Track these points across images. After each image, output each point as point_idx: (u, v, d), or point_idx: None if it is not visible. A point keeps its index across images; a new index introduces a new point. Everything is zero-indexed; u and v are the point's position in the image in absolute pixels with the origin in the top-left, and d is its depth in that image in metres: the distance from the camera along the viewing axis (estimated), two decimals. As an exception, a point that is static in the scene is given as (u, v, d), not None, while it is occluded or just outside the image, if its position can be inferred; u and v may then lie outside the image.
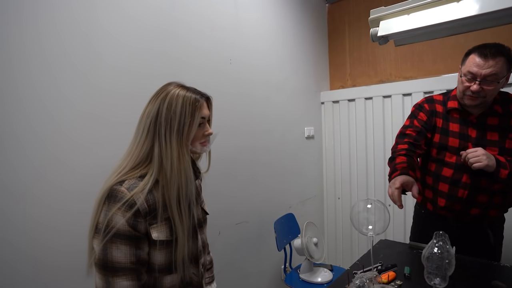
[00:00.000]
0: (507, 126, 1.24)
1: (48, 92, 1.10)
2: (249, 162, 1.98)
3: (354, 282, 1.11)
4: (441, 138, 1.33)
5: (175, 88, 0.87)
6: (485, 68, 1.13)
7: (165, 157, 0.82)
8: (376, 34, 1.13)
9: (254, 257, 2.03)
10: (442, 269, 0.85)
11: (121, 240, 0.77)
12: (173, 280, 0.87)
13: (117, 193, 0.79)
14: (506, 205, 1.35)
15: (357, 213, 1.02)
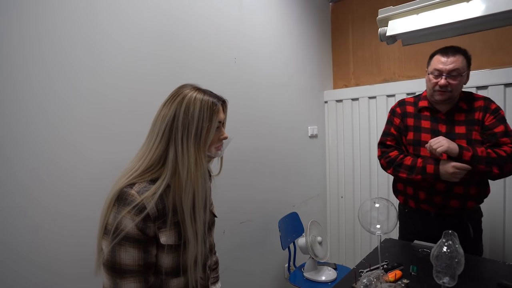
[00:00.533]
0: (472, 120, 1.38)
1: (47, 94, 1.08)
2: (253, 162, 1.98)
3: (362, 281, 1.11)
4: (415, 135, 1.47)
5: (191, 91, 0.85)
6: (448, 64, 1.31)
7: (181, 162, 0.81)
8: (384, 33, 1.13)
9: (258, 256, 2.03)
10: (451, 268, 0.85)
11: (130, 243, 0.77)
12: (179, 283, 0.86)
13: (127, 196, 0.78)
14: (481, 196, 1.44)
15: (365, 212, 1.02)
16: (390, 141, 1.54)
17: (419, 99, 1.52)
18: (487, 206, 1.98)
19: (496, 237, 1.98)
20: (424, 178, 1.37)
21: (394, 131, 1.54)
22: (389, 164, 1.49)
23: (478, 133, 1.37)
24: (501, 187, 1.95)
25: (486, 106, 1.38)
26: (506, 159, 1.27)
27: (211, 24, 1.70)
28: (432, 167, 1.33)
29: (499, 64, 2.00)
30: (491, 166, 1.27)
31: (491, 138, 1.33)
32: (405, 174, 1.43)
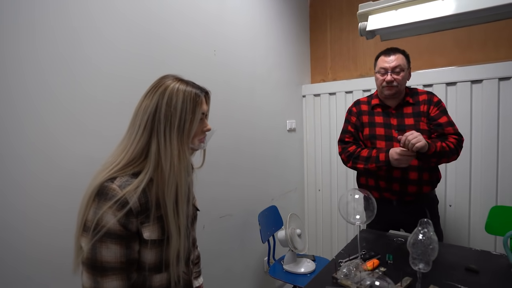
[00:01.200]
0: (418, 112, 1.55)
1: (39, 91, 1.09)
2: (232, 155, 1.97)
3: (342, 270, 1.14)
4: (370, 130, 1.62)
5: (173, 81, 0.82)
6: (391, 62, 1.50)
7: (164, 155, 0.78)
8: (364, 28, 1.15)
9: (238, 250, 2.03)
10: (426, 254, 0.89)
11: (112, 239, 0.74)
12: (162, 279, 0.84)
13: (108, 191, 0.75)
14: (434, 180, 1.58)
15: (346, 204, 1.04)
16: (348, 138, 1.68)
17: (372, 98, 1.69)
18: (454, 196, 2.11)
19: (462, 225, 2.10)
20: (377, 166, 1.49)
21: (351, 128, 1.68)
22: (348, 157, 1.63)
23: (425, 123, 1.53)
24: (467, 178, 2.06)
25: (430, 99, 1.55)
26: (453, 150, 1.44)
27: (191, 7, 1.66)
28: (384, 155, 1.47)
29: (467, 62, 2.11)
30: (442, 159, 1.44)
31: (438, 128, 1.50)
32: (362, 165, 1.56)
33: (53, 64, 1.12)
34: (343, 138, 1.70)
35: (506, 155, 1.93)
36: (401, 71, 1.50)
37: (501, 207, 1.84)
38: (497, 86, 1.95)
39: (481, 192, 2.02)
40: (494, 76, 1.95)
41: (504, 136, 1.94)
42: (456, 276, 1.14)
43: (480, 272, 1.17)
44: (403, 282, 1.08)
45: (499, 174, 1.96)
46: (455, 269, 1.20)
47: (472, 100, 2.04)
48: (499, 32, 1.99)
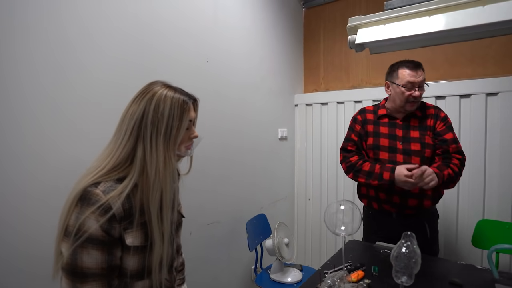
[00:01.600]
0: (425, 126, 1.52)
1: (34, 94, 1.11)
2: (222, 165, 1.97)
3: (326, 282, 1.14)
4: (374, 140, 1.59)
5: (161, 88, 0.82)
6: (418, 77, 1.44)
7: (149, 161, 0.78)
8: (353, 41, 1.17)
9: (225, 258, 2.01)
10: (409, 267, 0.89)
11: (93, 245, 0.73)
12: (144, 286, 0.83)
13: (91, 196, 0.74)
14: (436, 196, 1.54)
15: (331, 214, 1.05)
16: (351, 147, 1.64)
17: (378, 107, 1.65)
18: (442, 209, 2.12)
19: (449, 238, 2.11)
20: (380, 183, 1.46)
21: (355, 137, 1.64)
22: (349, 168, 1.59)
23: (430, 137, 1.51)
24: (455, 192, 2.08)
25: (437, 114, 1.53)
26: (458, 174, 1.44)
27: (184, 22, 1.67)
28: (388, 174, 1.43)
29: (456, 77, 2.15)
30: (449, 184, 1.44)
31: (443, 144, 1.48)
32: (363, 179, 1.53)
33: (48, 68, 1.14)
34: (345, 146, 1.66)
35: (493, 169, 1.96)
36: (423, 85, 1.47)
37: (487, 220, 1.86)
38: (484, 101, 1.99)
39: (469, 206, 2.04)
40: (481, 92, 1.99)
41: (491, 150, 1.97)
42: (441, 289, 1.14)
43: (463, 286, 1.17)
44: (386, 294, 1.08)
45: (486, 187, 1.99)
46: (439, 282, 1.21)
47: (460, 114, 2.07)
48: (485, 49, 2.05)
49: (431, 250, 1.54)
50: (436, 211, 1.62)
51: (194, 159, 1.87)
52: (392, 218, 1.56)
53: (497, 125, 1.95)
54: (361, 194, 1.69)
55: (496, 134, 1.95)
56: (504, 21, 0.92)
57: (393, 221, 1.56)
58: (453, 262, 1.40)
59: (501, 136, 1.94)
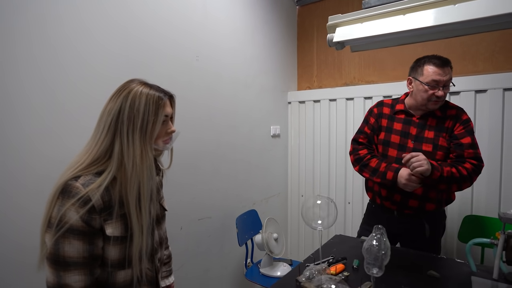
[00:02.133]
0: (442, 127, 1.45)
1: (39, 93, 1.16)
2: (214, 160, 2.00)
3: (304, 274, 1.17)
4: (386, 135, 1.54)
5: (137, 85, 0.87)
6: (444, 76, 1.36)
7: (126, 154, 0.83)
8: (332, 39, 1.20)
9: (217, 252, 2.05)
10: (378, 259, 0.92)
11: (74, 235, 0.78)
12: (126, 275, 0.88)
13: (71, 189, 0.78)
14: (442, 201, 1.50)
15: (308, 209, 1.08)
16: (363, 139, 1.59)
17: (397, 102, 1.58)
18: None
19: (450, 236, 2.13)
20: (383, 182, 1.45)
21: (367, 129, 1.59)
22: (357, 161, 1.56)
23: (445, 140, 1.42)
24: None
25: (457, 116, 1.44)
26: (466, 178, 1.34)
27: (175, 19, 1.70)
28: (391, 174, 1.40)
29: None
30: (452, 185, 1.35)
31: (458, 148, 1.39)
32: (368, 175, 1.51)
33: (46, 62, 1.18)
34: (357, 138, 1.62)
35: (481, 166, 1.98)
36: (449, 85, 1.39)
37: (473, 216, 1.88)
38: (473, 98, 2.00)
39: (458, 202, 2.06)
40: (471, 89, 2.00)
41: (481, 147, 1.95)
42: (417, 282, 1.17)
43: (441, 278, 1.20)
44: (362, 286, 1.11)
45: (474, 184, 2.00)
46: (417, 274, 1.24)
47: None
48: (476, 46, 2.05)
49: (432, 249, 1.50)
50: (443, 212, 1.58)
51: (186, 157, 1.92)
52: (393, 216, 1.55)
53: (486, 122, 1.96)
54: (368, 187, 1.67)
55: (486, 131, 1.96)
56: (474, 20, 0.94)
57: (394, 218, 1.54)
58: (434, 256, 1.42)
59: (489, 134, 1.95)
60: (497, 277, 1.20)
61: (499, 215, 1.19)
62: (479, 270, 1.27)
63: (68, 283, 0.77)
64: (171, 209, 1.67)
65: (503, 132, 1.92)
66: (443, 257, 1.41)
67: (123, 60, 1.45)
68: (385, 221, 1.54)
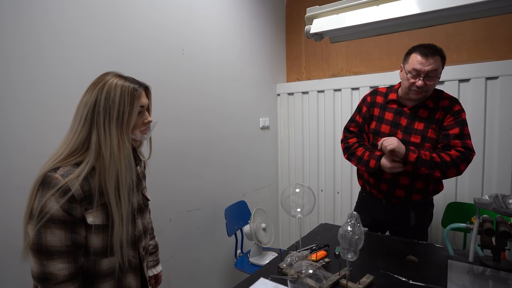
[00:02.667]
0: (433, 118, 1.43)
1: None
2: (202, 152, 2.02)
3: (285, 260, 1.21)
4: (376, 125, 1.54)
5: (112, 78, 0.89)
6: (427, 65, 1.32)
7: (104, 145, 0.85)
8: (309, 31, 1.21)
9: (207, 243, 2.09)
10: (353, 244, 0.95)
11: (56, 225, 0.80)
12: (110, 263, 0.91)
13: (51, 180, 0.81)
14: (429, 192, 1.51)
15: (287, 197, 1.10)
16: (354, 128, 1.60)
17: (391, 91, 1.56)
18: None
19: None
20: (367, 170, 1.49)
21: (359, 118, 1.60)
22: (346, 150, 1.59)
23: (434, 131, 1.41)
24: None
25: (450, 107, 1.41)
26: (449, 164, 1.32)
27: (159, 12, 1.70)
28: (374, 163, 1.42)
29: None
30: (433, 170, 1.33)
31: (444, 139, 1.38)
32: (355, 163, 1.55)
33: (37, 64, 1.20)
34: (348, 126, 1.63)
35: (464, 154, 2.01)
36: (435, 76, 1.34)
37: (456, 203, 1.92)
38: (457, 87, 2.03)
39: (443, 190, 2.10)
40: (454, 78, 2.02)
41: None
42: (395, 266, 1.21)
43: (419, 263, 1.24)
44: (341, 271, 1.14)
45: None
46: (396, 259, 1.28)
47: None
48: (460, 35, 2.07)
49: (417, 237, 1.52)
50: (431, 201, 1.59)
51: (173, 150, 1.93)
52: (382, 204, 1.57)
53: (470, 111, 1.98)
54: (359, 174, 1.70)
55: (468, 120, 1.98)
56: (448, 9, 0.96)
57: (382, 207, 1.57)
58: (415, 242, 1.46)
59: (472, 122, 1.97)
60: (473, 260, 1.25)
61: (474, 200, 1.23)
62: (456, 254, 1.31)
63: (52, 271, 0.80)
64: (160, 201, 1.71)
65: (485, 121, 1.95)
66: (423, 242, 1.45)
67: (107, 57, 1.45)
68: (374, 209, 1.60)
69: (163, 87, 1.73)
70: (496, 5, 0.96)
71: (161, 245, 1.32)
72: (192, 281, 1.98)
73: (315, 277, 1.03)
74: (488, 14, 1.06)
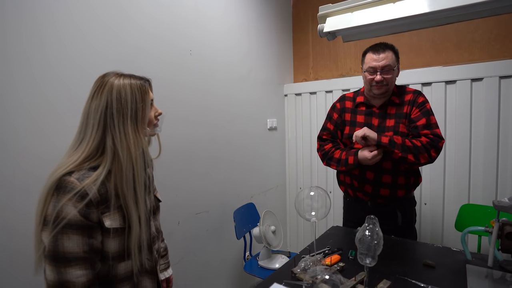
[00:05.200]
0: (402, 113, 1.48)
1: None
2: (209, 153, 2.00)
3: (299, 265, 1.18)
4: (350, 129, 1.58)
5: (116, 77, 0.87)
6: (380, 61, 1.41)
7: (120, 146, 0.83)
8: (322, 30, 1.19)
9: (216, 246, 2.07)
10: (371, 249, 0.92)
11: (73, 230, 0.77)
12: (127, 267, 0.88)
13: (67, 184, 0.78)
14: (410, 185, 1.54)
15: (301, 200, 1.08)
16: (326, 136, 1.66)
17: (358, 94, 1.62)
18: (428, 195, 2.15)
19: (436, 224, 2.14)
20: (348, 168, 1.49)
21: (330, 125, 1.65)
22: (324, 156, 1.62)
23: (405, 125, 1.46)
24: (441, 178, 2.10)
25: (414, 100, 1.47)
26: (420, 148, 1.37)
27: (167, 12, 1.68)
28: (352, 158, 1.46)
29: (443, 63, 2.14)
30: (406, 153, 1.37)
31: (414, 130, 1.44)
32: (334, 166, 1.57)
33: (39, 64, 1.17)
34: (321, 135, 1.68)
35: (478, 155, 1.97)
36: (390, 70, 1.43)
37: (470, 205, 1.88)
38: (469, 86, 1.99)
39: (455, 191, 2.06)
40: (467, 77, 1.99)
41: (477, 136, 1.98)
42: (412, 271, 1.18)
43: (436, 267, 1.21)
44: (357, 276, 1.11)
45: (472, 173, 2.00)
46: (414, 264, 1.24)
47: (446, 100, 2.08)
48: (472, 34, 2.03)
49: (409, 235, 1.55)
50: (413, 198, 1.63)
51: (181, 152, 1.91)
52: (367, 207, 1.58)
53: (482, 111, 1.95)
54: (340, 181, 1.71)
55: (482, 120, 1.96)
56: (465, 6, 0.93)
57: (369, 208, 1.58)
58: (430, 245, 1.43)
59: (486, 122, 1.94)
60: (492, 264, 1.21)
61: (493, 203, 1.19)
62: (474, 258, 1.28)
63: (70, 279, 0.76)
64: (168, 204, 1.69)
65: (499, 120, 1.91)
66: (439, 246, 1.42)
67: (112, 58, 1.43)
68: (359, 212, 1.60)
69: (170, 87, 1.71)
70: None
71: (170, 248, 1.29)
72: (201, 284, 1.96)
73: (331, 282, 1.00)
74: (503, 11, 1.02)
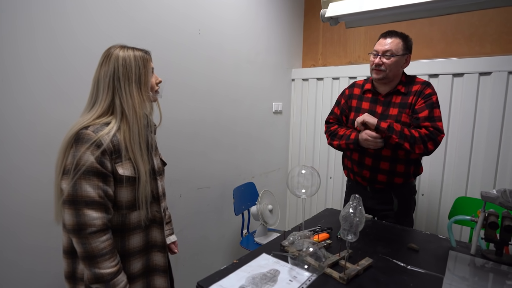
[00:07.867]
0: (406, 103, 1.50)
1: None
2: (214, 132, 2.06)
3: (288, 239, 1.25)
4: (355, 115, 1.61)
5: (121, 49, 0.98)
6: (383, 45, 1.45)
7: (126, 106, 0.95)
8: (324, 15, 1.21)
9: (215, 221, 2.16)
10: (353, 226, 0.98)
11: (90, 176, 0.88)
12: (139, 216, 1.00)
13: (84, 135, 0.90)
14: (409, 173, 1.56)
15: (292, 177, 1.13)
16: (332, 119, 1.72)
17: (367, 81, 1.65)
18: (427, 186, 2.18)
19: (431, 213, 2.18)
20: (347, 143, 1.54)
21: (337, 110, 1.71)
22: (329, 135, 1.68)
23: (407, 116, 1.47)
24: (440, 170, 2.12)
25: (421, 91, 1.47)
26: (417, 139, 1.39)
27: None
28: (354, 134, 1.52)
29: (453, 55, 2.12)
30: (403, 141, 1.39)
31: (415, 121, 1.45)
32: (337, 141, 1.61)
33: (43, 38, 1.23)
34: (328, 119, 1.74)
35: (479, 149, 1.98)
36: (391, 56, 1.44)
37: (465, 198, 1.91)
38: (477, 80, 1.97)
39: (453, 184, 2.09)
40: (475, 71, 1.97)
41: (479, 130, 1.98)
42: (395, 253, 1.24)
43: (420, 251, 1.26)
44: (341, 253, 1.18)
45: (471, 167, 2.01)
46: (398, 247, 1.30)
47: (452, 93, 2.07)
48: (484, 27, 2.00)
49: (404, 222, 1.59)
50: (414, 187, 1.65)
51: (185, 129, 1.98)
52: (367, 192, 1.64)
53: (488, 106, 1.94)
54: (344, 165, 1.77)
55: (486, 115, 1.95)
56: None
57: (367, 193, 1.63)
58: (418, 231, 1.48)
59: (490, 117, 1.93)
60: (475, 252, 1.25)
61: (481, 194, 1.22)
62: (459, 246, 1.32)
63: (87, 221, 0.87)
64: (171, 176, 1.77)
65: (504, 116, 1.90)
66: (427, 232, 1.46)
67: (129, 27, 1.49)
68: (360, 195, 1.62)
69: (179, 66, 1.76)
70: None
71: (171, 219, 1.38)
72: (198, 256, 2.06)
73: (315, 256, 1.08)
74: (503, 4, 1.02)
